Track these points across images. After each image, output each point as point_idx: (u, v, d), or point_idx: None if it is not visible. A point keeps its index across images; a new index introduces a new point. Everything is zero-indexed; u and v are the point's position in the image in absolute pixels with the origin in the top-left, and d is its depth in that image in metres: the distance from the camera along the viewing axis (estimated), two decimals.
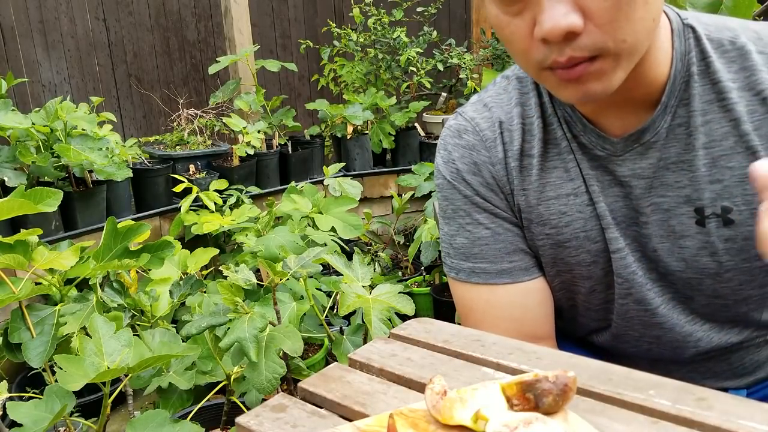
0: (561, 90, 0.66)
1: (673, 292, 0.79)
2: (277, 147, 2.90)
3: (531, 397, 0.44)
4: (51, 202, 1.24)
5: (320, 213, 2.12)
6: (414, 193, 2.83)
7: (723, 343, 0.82)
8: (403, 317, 1.21)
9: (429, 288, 2.62)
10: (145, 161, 2.58)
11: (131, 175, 2.27)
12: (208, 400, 1.55)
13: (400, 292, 1.42)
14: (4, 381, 1.23)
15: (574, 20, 0.59)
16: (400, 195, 2.95)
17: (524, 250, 0.83)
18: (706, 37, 0.72)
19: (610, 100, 0.71)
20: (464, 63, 3.15)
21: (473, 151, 0.82)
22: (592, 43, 0.60)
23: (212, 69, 2.75)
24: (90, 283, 1.41)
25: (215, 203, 2.36)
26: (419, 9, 3.35)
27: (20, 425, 1.06)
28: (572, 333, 0.93)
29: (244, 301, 1.36)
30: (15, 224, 2.03)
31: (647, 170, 0.75)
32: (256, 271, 1.96)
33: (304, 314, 1.71)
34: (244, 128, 2.65)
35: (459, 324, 0.72)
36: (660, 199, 0.75)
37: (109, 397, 1.17)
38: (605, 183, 0.77)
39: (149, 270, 1.75)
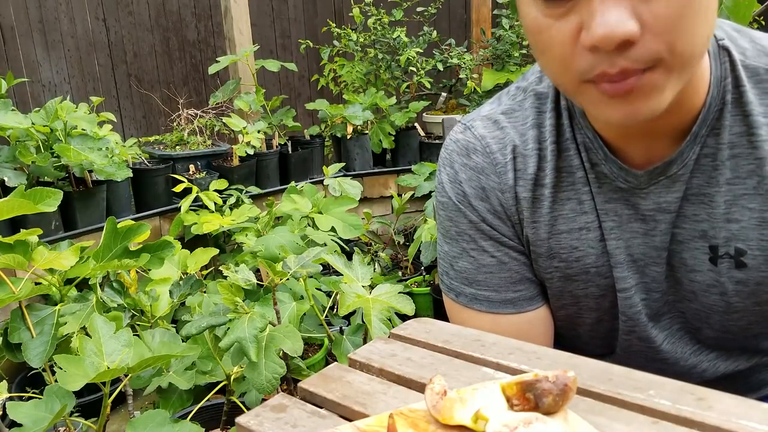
0: (603, 107, 0.58)
1: (682, 322, 0.77)
2: (277, 147, 2.89)
3: (531, 397, 0.44)
4: (51, 202, 1.24)
5: (320, 213, 2.12)
6: (414, 193, 2.83)
7: (729, 371, 0.79)
8: (403, 317, 1.21)
9: (429, 288, 2.62)
10: (145, 161, 2.57)
11: (131, 175, 2.27)
12: (208, 400, 1.55)
13: (400, 292, 1.42)
14: (4, 381, 1.23)
15: (631, 28, 0.52)
16: (399, 195, 2.95)
17: (530, 278, 0.79)
18: (741, 63, 0.66)
19: (640, 128, 0.66)
20: (464, 63, 3.15)
21: (482, 175, 0.77)
22: (648, 53, 0.54)
23: (212, 69, 2.75)
24: (90, 283, 1.41)
25: (215, 203, 2.36)
26: (419, 9, 3.35)
27: (20, 425, 1.06)
28: None
29: (244, 301, 1.35)
30: (15, 224, 2.03)
31: (673, 204, 0.69)
32: (256, 271, 1.96)
33: (304, 314, 1.71)
34: (244, 128, 2.64)
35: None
36: (676, 230, 0.71)
37: (109, 397, 1.17)
38: (624, 218, 0.72)
39: (149, 270, 1.74)
